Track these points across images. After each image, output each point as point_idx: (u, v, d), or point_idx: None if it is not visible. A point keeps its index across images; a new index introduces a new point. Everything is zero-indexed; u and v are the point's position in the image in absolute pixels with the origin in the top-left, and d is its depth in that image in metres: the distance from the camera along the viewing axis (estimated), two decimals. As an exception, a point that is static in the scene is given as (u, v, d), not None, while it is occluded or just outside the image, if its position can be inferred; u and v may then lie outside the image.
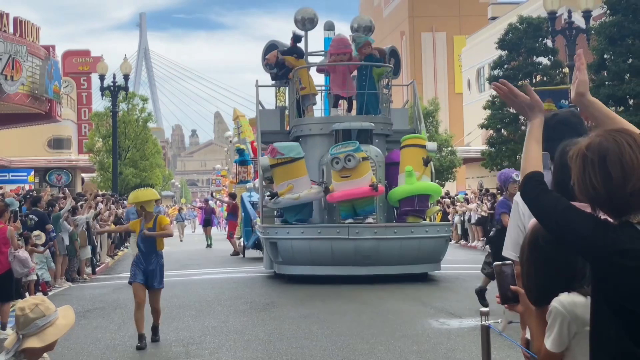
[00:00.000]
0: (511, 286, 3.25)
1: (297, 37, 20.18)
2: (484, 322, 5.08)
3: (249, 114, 38.04)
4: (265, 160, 17.75)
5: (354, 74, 19.63)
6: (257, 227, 22.70)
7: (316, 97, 20.34)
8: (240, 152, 31.83)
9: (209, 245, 32.71)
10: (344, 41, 19.65)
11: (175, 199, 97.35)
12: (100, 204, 24.05)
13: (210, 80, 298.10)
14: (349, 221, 16.91)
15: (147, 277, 10.50)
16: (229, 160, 47.15)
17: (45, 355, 3.86)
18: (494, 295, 3.50)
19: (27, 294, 13.48)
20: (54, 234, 16.92)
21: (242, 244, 26.41)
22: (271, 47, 20.68)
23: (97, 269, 21.58)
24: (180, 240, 39.67)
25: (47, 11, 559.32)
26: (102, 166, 44.04)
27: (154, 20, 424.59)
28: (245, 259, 25.00)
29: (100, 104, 52.82)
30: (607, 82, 24.13)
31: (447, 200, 31.66)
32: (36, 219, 16.26)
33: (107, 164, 42.84)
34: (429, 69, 62.66)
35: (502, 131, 33.26)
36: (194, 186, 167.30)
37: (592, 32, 25.00)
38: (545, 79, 31.78)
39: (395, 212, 18.42)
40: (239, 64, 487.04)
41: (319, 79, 23.25)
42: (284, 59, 19.71)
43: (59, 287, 17.49)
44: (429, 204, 18.26)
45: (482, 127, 34.98)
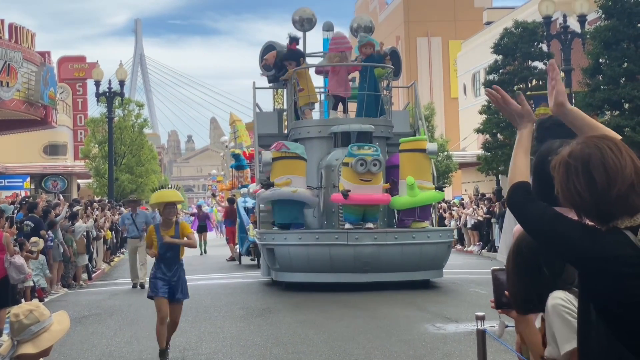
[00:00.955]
0: (505, 292, 3.26)
1: (293, 39, 19.46)
2: (479, 327, 5.08)
3: (245, 119, 37.98)
4: (268, 154, 17.48)
5: (353, 75, 19.45)
6: (249, 233, 22.51)
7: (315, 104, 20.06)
8: (236, 157, 31.57)
9: (203, 252, 31.27)
10: (343, 38, 19.37)
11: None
12: (96, 210, 24.02)
13: (205, 85, 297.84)
14: (347, 226, 16.45)
15: (170, 289, 9.71)
16: (225, 165, 47.02)
17: (40, 361, 3.86)
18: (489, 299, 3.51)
19: (22, 300, 13.44)
20: (51, 243, 16.88)
21: (237, 250, 26.09)
22: (269, 47, 20.48)
23: (93, 275, 21.54)
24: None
25: (42, 17, 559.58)
26: (98, 172, 43.97)
27: (149, 26, 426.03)
28: (241, 265, 24.83)
29: (95, 110, 52.81)
30: (602, 87, 24.13)
31: (444, 204, 31.66)
32: (32, 225, 16.23)
33: (103, 170, 42.77)
34: (424, 74, 62.66)
35: (498, 136, 33.19)
36: (190, 192, 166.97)
37: (587, 36, 25.06)
38: (540, 83, 31.73)
39: (395, 217, 18.10)
40: (234, 70, 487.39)
41: (317, 81, 22.82)
42: (287, 64, 19.24)
43: (55, 293, 17.45)
44: (431, 211, 18.02)
45: (478, 131, 34.94)
